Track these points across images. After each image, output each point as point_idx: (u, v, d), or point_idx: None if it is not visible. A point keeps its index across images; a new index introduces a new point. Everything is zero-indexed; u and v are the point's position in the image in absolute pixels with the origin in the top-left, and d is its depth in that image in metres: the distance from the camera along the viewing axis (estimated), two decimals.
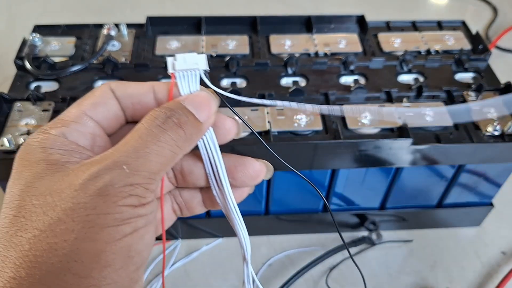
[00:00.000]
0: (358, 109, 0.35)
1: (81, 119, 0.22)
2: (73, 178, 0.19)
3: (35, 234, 0.18)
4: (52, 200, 0.19)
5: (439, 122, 0.41)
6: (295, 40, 0.51)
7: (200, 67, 0.23)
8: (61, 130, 0.21)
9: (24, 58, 0.45)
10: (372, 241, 0.49)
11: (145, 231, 0.20)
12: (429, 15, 0.83)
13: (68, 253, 0.18)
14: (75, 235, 0.18)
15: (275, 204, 0.47)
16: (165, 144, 0.20)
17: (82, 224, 0.18)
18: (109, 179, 0.19)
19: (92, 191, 0.19)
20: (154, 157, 0.20)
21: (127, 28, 0.50)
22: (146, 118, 0.21)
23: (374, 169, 0.43)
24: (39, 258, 0.18)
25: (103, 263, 0.18)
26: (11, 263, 0.18)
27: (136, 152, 0.20)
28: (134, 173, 0.19)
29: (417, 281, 0.47)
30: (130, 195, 0.19)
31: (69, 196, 0.19)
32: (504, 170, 0.45)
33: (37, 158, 0.21)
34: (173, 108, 0.22)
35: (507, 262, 0.49)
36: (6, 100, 0.41)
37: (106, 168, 0.19)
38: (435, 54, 0.49)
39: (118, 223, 0.19)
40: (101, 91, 0.23)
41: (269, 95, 0.43)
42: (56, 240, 0.18)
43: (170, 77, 0.24)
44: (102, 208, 0.18)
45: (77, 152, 0.21)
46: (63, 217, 0.18)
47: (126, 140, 0.21)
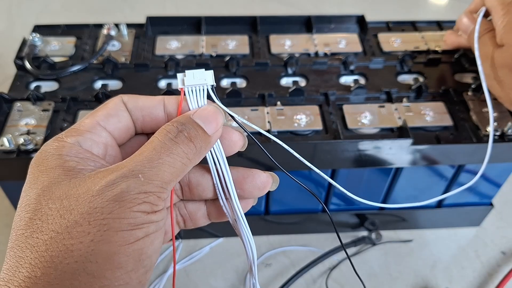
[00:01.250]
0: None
1: (95, 129, 0.23)
2: (90, 185, 0.20)
3: (52, 236, 0.19)
4: (69, 204, 0.20)
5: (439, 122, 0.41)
6: (295, 40, 0.51)
7: (208, 82, 0.25)
8: (76, 139, 0.23)
9: (24, 58, 0.45)
10: (372, 241, 0.49)
11: (155, 236, 0.21)
12: (429, 15, 0.84)
13: (83, 254, 0.19)
14: (91, 237, 0.19)
15: (275, 204, 0.47)
16: (177, 156, 0.22)
17: (98, 227, 0.19)
18: (126, 187, 0.20)
19: (109, 197, 0.20)
20: (166, 168, 0.21)
21: (127, 28, 0.50)
22: (160, 131, 0.23)
23: (374, 169, 0.43)
24: (55, 258, 0.19)
25: (116, 265, 0.19)
26: (27, 263, 0.19)
27: (151, 162, 0.21)
28: (148, 182, 0.20)
29: (417, 281, 0.47)
30: (144, 202, 0.20)
31: (86, 200, 0.20)
32: (503, 170, 0.45)
33: (54, 164, 0.22)
34: (184, 122, 0.23)
35: (507, 262, 0.49)
36: (6, 100, 0.41)
37: (122, 176, 0.20)
38: (435, 54, 0.49)
39: (131, 228, 0.20)
40: (114, 103, 0.24)
41: (269, 95, 0.43)
42: (73, 242, 0.19)
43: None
44: (118, 213, 0.19)
45: (91, 160, 0.22)
46: (79, 220, 0.19)
47: (141, 151, 0.22)
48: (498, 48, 0.40)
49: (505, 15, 0.39)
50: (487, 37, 0.41)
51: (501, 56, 0.39)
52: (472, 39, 0.42)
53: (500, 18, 0.39)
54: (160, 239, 0.22)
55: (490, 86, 0.40)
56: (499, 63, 0.39)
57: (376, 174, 0.45)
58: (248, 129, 0.27)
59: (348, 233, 0.50)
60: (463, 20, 0.44)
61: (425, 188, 0.47)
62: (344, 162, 0.40)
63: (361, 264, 0.48)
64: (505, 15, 0.39)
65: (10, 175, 0.38)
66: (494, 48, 0.40)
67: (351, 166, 0.41)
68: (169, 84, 0.44)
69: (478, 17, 0.42)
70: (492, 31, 0.41)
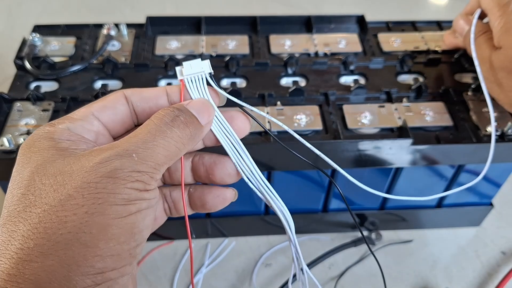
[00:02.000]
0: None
1: (87, 117, 0.24)
2: (84, 162, 0.21)
3: (45, 209, 0.20)
4: (62, 179, 0.20)
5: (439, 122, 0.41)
6: (295, 40, 0.51)
7: (205, 70, 0.26)
8: (67, 125, 0.23)
9: (24, 58, 0.45)
10: (372, 241, 0.49)
11: (146, 213, 0.22)
12: (429, 15, 0.83)
13: (77, 225, 0.19)
14: (85, 209, 0.20)
15: None
16: (171, 139, 0.23)
17: (92, 201, 0.20)
18: (120, 164, 0.21)
19: (103, 173, 0.20)
20: (161, 150, 0.22)
21: (127, 28, 0.50)
22: (156, 115, 0.23)
23: (374, 169, 0.43)
24: (49, 230, 0.19)
25: (109, 236, 0.20)
26: (19, 235, 0.20)
27: (145, 143, 0.22)
28: (142, 162, 0.21)
29: (417, 281, 0.47)
30: (137, 180, 0.21)
31: (80, 176, 0.20)
32: (503, 170, 0.45)
33: (46, 145, 0.22)
34: (180, 108, 0.24)
35: (507, 262, 0.49)
36: (6, 100, 0.41)
37: (117, 154, 0.21)
38: (435, 54, 0.49)
39: (125, 203, 0.20)
40: (114, 97, 0.25)
41: (269, 95, 0.43)
42: (66, 214, 0.20)
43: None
44: (112, 188, 0.20)
45: (83, 142, 0.23)
46: (73, 194, 0.20)
47: (136, 133, 0.23)
48: (495, 50, 0.40)
49: (501, 17, 0.39)
50: (483, 39, 0.41)
51: (499, 58, 0.39)
52: (467, 41, 0.42)
53: (497, 20, 0.39)
54: (151, 217, 0.22)
55: (489, 88, 0.40)
56: (497, 65, 0.39)
57: (376, 174, 0.45)
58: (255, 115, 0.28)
59: (348, 233, 0.50)
60: (459, 22, 0.44)
61: (425, 188, 0.47)
62: (344, 162, 0.40)
63: (361, 264, 0.48)
64: (501, 17, 0.39)
65: (10, 175, 0.38)
66: (491, 50, 0.40)
67: (351, 166, 0.41)
68: (169, 84, 0.44)
69: (473, 19, 0.42)
70: (488, 32, 0.41)
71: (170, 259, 0.48)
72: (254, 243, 0.50)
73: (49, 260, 0.19)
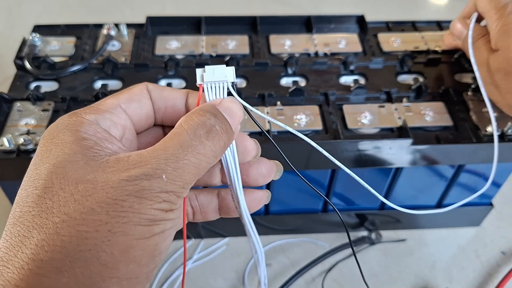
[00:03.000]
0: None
1: (116, 110, 0.23)
2: (110, 175, 0.19)
3: (64, 219, 0.18)
4: (85, 190, 0.19)
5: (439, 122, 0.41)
6: (295, 40, 0.51)
7: (228, 79, 0.24)
8: (95, 117, 0.22)
9: (24, 58, 0.45)
10: (372, 240, 0.49)
11: (169, 233, 0.21)
12: (429, 15, 0.83)
13: (99, 243, 0.18)
14: (109, 227, 0.18)
15: (275, 204, 0.47)
16: (203, 156, 0.21)
17: (116, 219, 0.18)
18: (148, 185, 0.19)
19: (130, 191, 0.19)
20: (191, 169, 0.20)
21: (127, 28, 0.50)
22: (188, 122, 0.21)
23: (374, 169, 0.43)
24: (67, 244, 0.18)
25: (131, 258, 0.19)
26: (33, 244, 0.18)
27: (176, 162, 0.20)
28: (171, 182, 0.20)
29: (417, 281, 0.47)
30: (164, 201, 0.20)
31: (105, 190, 0.19)
32: (503, 170, 0.45)
33: (70, 139, 0.20)
34: (215, 114, 0.22)
35: (506, 262, 0.49)
36: (6, 100, 0.41)
37: (145, 173, 0.19)
38: (434, 54, 0.49)
39: (149, 223, 0.19)
40: (139, 89, 0.24)
41: (269, 95, 0.43)
42: (88, 229, 0.18)
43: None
44: (138, 208, 0.19)
45: (108, 142, 0.21)
46: (97, 209, 0.19)
47: (165, 145, 0.21)
48: (493, 52, 0.40)
49: (499, 19, 0.39)
50: (481, 42, 0.41)
51: (496, 60, 0.39)
52: (466, 44, 0.42)
53: (494, 23, 0.39)
54: (172, 237, 0.21)
55: (488, 91, 0.41)
56: (495, 67, 0.39)
57: (376, 174, 0.45)
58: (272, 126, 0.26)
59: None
60: (457, 25, 0.44)
61: (425, 188, 0.47)
62: (344, 162, 0.40)
63: (361, 264, 0.48)
64: (499, 19, 0.39)
65: (10, 175, 0.38)
66: (489, 53, 0.40)
67: (351, 166, 0.41)
68: (169, 84, 0.44)
69: (470, 23, 0.42)
70: (486, 35, 0.41)
71: (171, 258, 0.48)
72: None
73: (64, 277, 0.18)
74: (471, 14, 0.43)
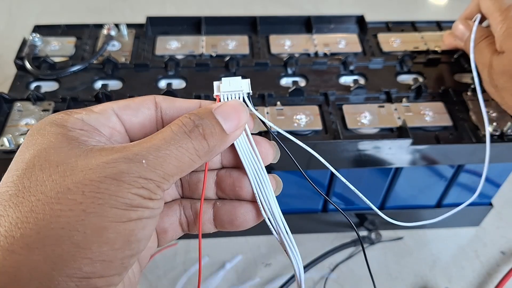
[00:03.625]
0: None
1: (106, 112, 0.23)
2: (91, 159, 0.20)
3: (39, 198, 0.19)
4: (63, 170, 0.19)
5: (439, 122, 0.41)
6: (295, 40, 0.51)
7: (244, 90, 0.25)
8: (82, 116, 0.22)
9: (24, 58, 0.45)
10: (372, 240, 0.49)
11: (147, 222, 0.20)
12: (429, 15, 0.84)
13: (72, 222, 0.18)
14: (83, 207, 0.18)
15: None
16: (186, 151, 0.21)
17: (92, 199, 0.19)
18: (127, 168, 0.19)
19: (108, 173, 0.19)
20: (172, 160, 0.21)
21: (127, 28, 0.50)
22: (175, 122, 0.22)
23: (374, 169, 0.44)
24: (40, 221, 0.18)
25: (104, 239, 0.19)
26: (7, 222, 0.18)
27: (157, 151, 0.20)
28: (151, 170, 0.20)
29: (416, 281, 0.47)
30: (143, 187, 0.20)
31: (83, 172, 0.19)
32: (503, 170, 0.45)
33: (56, 131, 0.21)
34: (203, 116, 0.22)
35: (506, 262, 0.49)
36: (6, 100, 0.41)
37: (125, 157, 0.20)
38: (434, 54, 0.49)
39: (126, 207, 0.19)
40: (141, 99, 0.24)
41: (269, 95, 0.43)
42: (62, 208, 0.18)
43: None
44: (115, 190, 0.19)
45: (96, 134, 0.22)
46: (73, 189, 0.19)
47: (150, 138, 0.21)
48: (497, 54, 0.39)
49: (503, 21, 0.39)
50: (484, 43, 0.41)
51: (501, 63, 0.38)
52: (468, 46, 0.42)
53: (499, 25, 0.39)
54: (152, 228, 0.21)
55: (491, 93, 0.40)
56: (499, 70, 0.39)
57: (375, 174, 0.45)
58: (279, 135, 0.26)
59: (347, 233, 0.50)
60: (459, 27, 0.44)
61: (425, 188, 0.47)
62: (344, 162, 0.40)
63: (360, 264, 0.48)
64: (503, 21, 0.39)
65: None
66: (492, 54, 0.40)
67: (351, 166, 0.41)
68: (169, 84, 0.44)
69: (473, 25, 0.42)
70: (489, 37, 0.41)
71: (171, 258, 0.48)
72: (254, 243, 0.50)
73: (34, 254, 0.18)
74: (473, 15, 0.43)
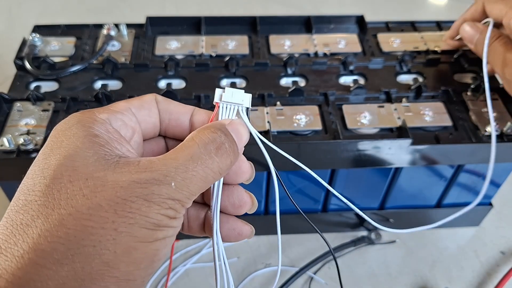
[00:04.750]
0: None
1: (128, 111, 0.23)
2: (120, 175, 0.20)
3: (70, 212, 0.18)
4: (94, 186, 0.19)
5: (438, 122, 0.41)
6: (294, 40, 0.51)
7: (244, 104, 0.25)
8: (107, 116, 0.22)
9: (24, 58, 0.45)
10: (372, 240, 0.49)
11: (169, 241, 0.21)
12: (429, 15, 0.84)
13: (103, 241, 0.18)
14: (115, 226, 0.18)
15: (275, 204, 0.47)
16: (210, 171, 0.21)
17: (123, 219, 0.19)
18: (158, 190, 0.20)
19: (139, 193, 0.19)
20: (198, 181, 0.21)
21: (127, 28, 0.50)
22: (200, 137, 0.22)
23: (374, 169, 0.44)
24: (71, 237, 0.18)
25: (132, 260, 0.19)
26: (35, 233, 0.18)
27: (185, 172, 0.21)
28: (179, 191, 0.20)
29: (416, 281, 0.47)
30: (170, 207, 0.20)
31: (115, 189, 0.19)
32: (503, 170, 0.45)
33: (82, 133, 0.21)
34: (225, 132, 0.23)
35: (506, 262, 0.49)
36: (6, 100, 0.41)
37: (155, 178, 0.20)
38: (434, 54, 0.49)
39: (154, 228, 0.19)
40: (149, 98, 0.25)
41: (268, 95, 0.43)
42: (94, 225, 0.18)
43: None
44: (145, 211, 0.19)
45: (118, 143, 0.22)
46: (105, 206, 0.19)
47: (176, 155, 0.21)
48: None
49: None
50: (497, 43, 0.41)
51: None
52: (480, 48, 0.42)
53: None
54: (170, 246, 0.22)
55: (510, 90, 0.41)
56: None
57: (375, 174, 0.45)
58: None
59: (348, 233, 0.50)
60: (466, 29, 0.44)
61: (425, 188, 0.47)
62: (344, 162, 0.41)
63: (361, 264, 0.48)
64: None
65: (10, 175, 0.38)
66: (509, 52, 0.40)
67: (351, 166, 0.41)
68: (168, 84, 0.44)
69: (488, 28, 0.42)
70: (502, 37, 0.41)
71: None
72: (254, 243, 0.50)
73: (64, 270, 0.17)
74: (477, 16, 0.44)
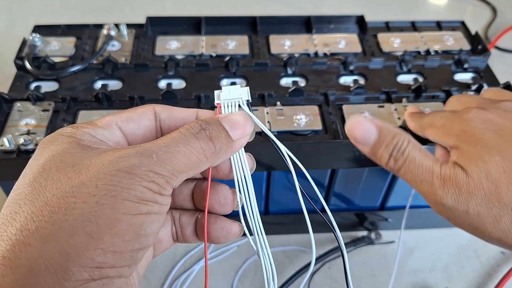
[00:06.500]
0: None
1: (110, 127, 0.24)
2: (104, 156, 0.21)
3: (54, 193, 0.19)
4: (79, 169, 0.20)
5: None
6: (294, 40, 0.51)
7: (243, 98, 0.26)
8: (89, 130, 0.23)
9: (24, 58, 0.45)
10: (372, 240, 0.49)
11: (156, 218, 0.21)
12: (429, 15, 0.84)
13: (85, 213, 0.19)
14: (96, 199, 0.19)
15: (275, 204, 0.47)
16: (193, 149, 0.22)
17: (105, 192, 0.19)
18: (138, 161, 0.21)
19: (120, 166, 0.20)
20: (181, 156, 0.22)
21: (127, 28, 0.50)
22: (183, 126, 0.24)
23: (374, 168, 0.44)
24: (54, 214, 0.19)
25: (116, 231, 0.19)
26: (22, 217, 0.19)
27: (167, 147, 0.22)
28: (161, 164, 0.21)
29: (416, 281, 0.47)
30: (153, 181, 0.21)
31: (96, 167, 0.20)
32: None
33: (68, 140, 0.22)
34: (210, 122, 0.24)
35: (506, 262, 0.49)
36: (6, 100, 0.41)
37: (137, 152, 0.21)
38: (434, 54, 0.49)
39: (137, 200, 0.20)
40: (142, 111, 0.25)
41: (268, 95, 0.43)
42: (76, 200, 0.19)
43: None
44: (127, 183, 0.20)
45: (104, 144, 0.23)
46: (86, 182, 0.20)
47: (160, 138, 0.23)
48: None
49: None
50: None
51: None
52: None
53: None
54: (160, 224, 0.22)
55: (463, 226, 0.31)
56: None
57: (375, 174, 0.45)
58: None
59: (348, 233, 0.50)
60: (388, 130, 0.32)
61: None
62: (344, 162, 0.40)
63: (360, 264, 0.48)
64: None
65: (10, 175, 0.38)
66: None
67: (351, 166, 0.41)
68: (169, 84, 0.44)
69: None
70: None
71: (171, 258, 0.48)
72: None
73: (49, 246, 0.18)
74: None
